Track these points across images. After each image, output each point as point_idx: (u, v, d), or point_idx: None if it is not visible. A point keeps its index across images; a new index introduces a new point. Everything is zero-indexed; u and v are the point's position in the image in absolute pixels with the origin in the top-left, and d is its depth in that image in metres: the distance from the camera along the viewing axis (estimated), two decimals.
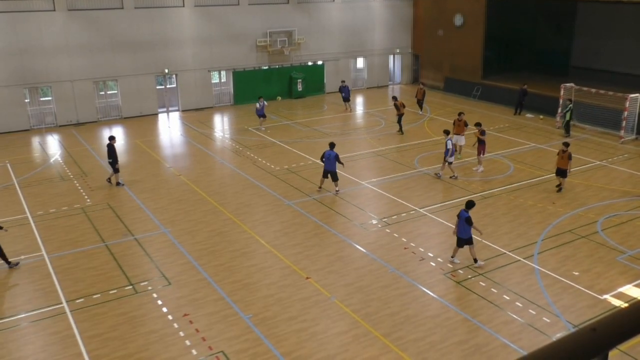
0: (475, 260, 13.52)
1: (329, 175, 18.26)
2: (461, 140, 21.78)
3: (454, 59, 35.07)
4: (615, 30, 33.62)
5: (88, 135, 26.49)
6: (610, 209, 17.03)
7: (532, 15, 33.64)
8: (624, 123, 24.32)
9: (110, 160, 19.23)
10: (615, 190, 18.53)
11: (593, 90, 25.72)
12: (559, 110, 26.03)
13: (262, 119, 26.84)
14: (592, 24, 34.68)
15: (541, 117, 28.14)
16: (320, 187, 18.65)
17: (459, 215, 13.44)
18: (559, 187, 18.39)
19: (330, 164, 18.06)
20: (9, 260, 13.78)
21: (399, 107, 25.69)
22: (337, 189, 18.42)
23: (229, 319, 11.54)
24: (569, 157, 17.92)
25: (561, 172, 18.19)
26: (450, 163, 19.46)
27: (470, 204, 13.61)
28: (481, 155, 20.38)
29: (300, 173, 20.40)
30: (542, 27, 34.85)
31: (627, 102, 24.09)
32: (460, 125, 21.71)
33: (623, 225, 15.83)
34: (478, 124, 20.71)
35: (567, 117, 25.14)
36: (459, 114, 21.98)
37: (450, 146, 19.15)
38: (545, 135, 25.27)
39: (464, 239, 13.40)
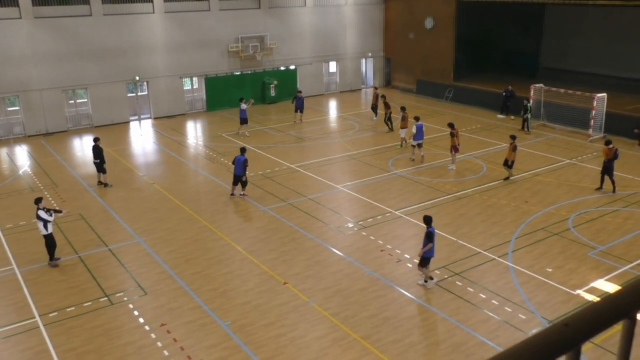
0: (426, 281, 12.80)
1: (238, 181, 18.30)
2: (403, 133, 23.67)
3: (426, 61, 35.43)
4: (581, 32, 34.40)
5: (58, 145, 25.99)
6: (581, 206, 17.39)
7: (501, 18, 34.21)
8: (592, 122, 24.87)
9: (97, 161, 19.73)
10: (585, 188, 18.92)
11: (562, 90, 26.26)
12: (522, 113, 26.49)
13: (244, 124, 26.35)
14: (559, 25, 35.42)
15: (512, 117, 28.58)
16: (232, 194, 18.58)
17: (433, 238, 12.38)
18: (507, 179, 19.65)
19: (238, 168, 18.00)
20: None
21: (389, 106, 26.80)
22: (242, 192, 18.46)
23: (207, 327, 11.42)
24: (514, 149, 19.29)
25: (507, 163, 19.60)
26: (413, 146, 21.94)
27: (428, 219, 12.60)
28: (454, 154, 20.83)
29: (275, 178, 20.34)
30: (511, 29, 35.47)
31: (595, 102, 24.64)
32: (404, 120, 23.53)
33: (594, 222, 16.16)
34: (450, 125, 21.11)
35: (529, 115, 26.08)
36: (402, 110, 23.91)
37: (414, 130, 21.55)
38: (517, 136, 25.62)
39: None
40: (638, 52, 31.68)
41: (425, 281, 12.82)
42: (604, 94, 25.17)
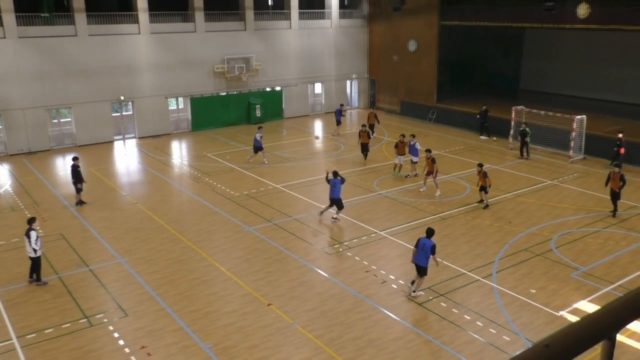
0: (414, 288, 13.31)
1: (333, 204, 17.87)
2: (402, 160, 23.19)
3: (409, 83, 35.87)
4: (559, 55, 35.17)
5: (40, 164, 25.71)
6: (563, 226, 17.55)
7: (482, 41, 34.81)
8: (572, 143, 25.26)
9: (73, 180, 19.60)
10: (567, 208, 19.13)
11: (542, 112, 26.66)
12: (512, 132, 26.60)
13: (261, 152, 25.07)
14: (538, 48, 36.18)
15: (494, 138, 28.94)
16: (321, 212, 18.23)
17: (419, 244, 13.08)
18: (481, 202, 19.37)
19: (336, 191, 17.60)
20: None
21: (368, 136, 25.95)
22: (335, 216, 17.96)
23: (188, 350, 11.25)
24: (484, 176, 19.05)
25: (482, 189, 19.34)
26: (415, 162, 22.72)
27: (431, 232, 13.35)
28: (435, 179, 20.70)
29: (260, 198, 20.28)
30: (492, 52, 36.11)
31: (574, 123, 25.06)
32: (401, 147, 23.15)
33: (576, 242, 16.31)
34: (428, 150, 21.20)
35: (529, 139, 25.64)
36: (402, 136, 23.67)
37: (418, 147, 22.54)
38: (499, 157, 25.97)
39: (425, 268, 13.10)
40: (614, 74, 32.41)
41: (414, 291, 13.21)
42: (583, 116, 25.61)
